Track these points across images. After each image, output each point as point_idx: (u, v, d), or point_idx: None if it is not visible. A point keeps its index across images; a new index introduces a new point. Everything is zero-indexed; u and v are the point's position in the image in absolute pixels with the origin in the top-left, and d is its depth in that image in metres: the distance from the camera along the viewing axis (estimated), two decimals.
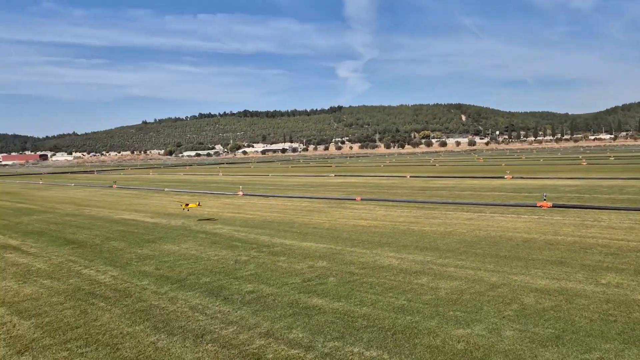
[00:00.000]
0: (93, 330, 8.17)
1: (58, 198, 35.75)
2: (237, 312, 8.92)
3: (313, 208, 24.23)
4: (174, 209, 25.64)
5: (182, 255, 13.95)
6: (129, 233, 18.38)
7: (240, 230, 18.18)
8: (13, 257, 14.68)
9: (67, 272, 12.47)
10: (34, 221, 22.77)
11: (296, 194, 32.23)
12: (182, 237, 17.17)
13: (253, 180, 50.35)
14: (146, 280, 11.33)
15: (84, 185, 51.75)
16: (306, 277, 11.19)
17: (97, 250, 15.26)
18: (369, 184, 38.74)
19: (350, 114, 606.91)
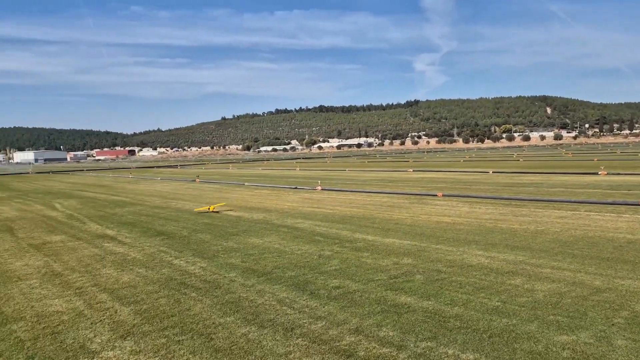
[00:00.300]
0: (187, 319, 8.42)
1: (146, 191, 37.67)
2: (325, 307, 8.87)
3: (393, 204, 23.87)
4: (255, 203, 26.20)
5: (266, 249, 14.15)
6: (214, 226, 18.95)
7: (321, 225, 18.22)
8: (111, 246, 15.55)
9: (160, 262, 13.00)
10: (127, 213, 24.06)
11: (374, 189, 31.94)
12: (264, 230, 17.47)
13: (330, 175, 50.57)
14: (233, 272, 11.57)
15: (169, 179, 54.23)
16: (392, 273, 10.96)
17: (185, 241, 15.83)
18: (449, 180, 37.68)
19: (427, 108, 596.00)
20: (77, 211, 25.55)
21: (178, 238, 16.51)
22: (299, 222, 18.94)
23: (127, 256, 13.88)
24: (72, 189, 43.13)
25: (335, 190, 32.33)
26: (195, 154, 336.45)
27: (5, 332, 8.12)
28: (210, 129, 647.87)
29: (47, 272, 12.25)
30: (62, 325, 8.37)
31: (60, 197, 35.11)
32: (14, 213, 25.78)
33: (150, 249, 14.86)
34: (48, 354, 7.19)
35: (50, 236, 17.94)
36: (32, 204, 30.37)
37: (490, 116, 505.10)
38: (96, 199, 32.11)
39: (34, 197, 35.56)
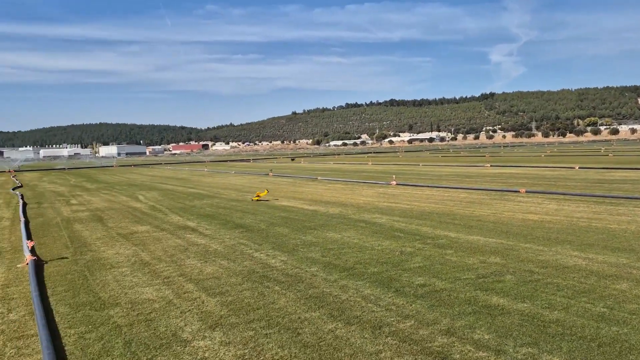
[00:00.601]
0: (273, 313, 8.38)
1: (222, 184, 38.70)
2: (412, 305, 8.55)
3: (473, 200, 23.00)
4: (329, 197, 26.14)
5: (345, 244, 13.98)
6: (291, 220, 19.03)
7: (400, 220, 17.82)
8: (192, 237, 15.97)
9: (240, 254, 13.16)
10: (205, 205, 24.74)
11: (451, 184, 31.00)
12: (342, 225, 17.31)
13: (403, 169, 49.76)
14: (315, 266, 11.48)
15: (243, 172, 55.49)
16: (480, 273, 10.44)
17: (263, 234, 15.97)
18: (531, 175, 35.93)
19: (504, 101, 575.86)
20: (158, 203, 26.60)
21: (256, 231, 16.69)
22: (376, 217, 18.64)
23: (209, 248, 14.17)
24: (152, 182, 45.14)
25: (410, 185, 31.69)
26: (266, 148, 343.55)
27: (104, 317, 8.44)
28: (281, 123, 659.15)
29: (137, 261, 12.72)
30: (154, 313, 8.58)
31: (142, 189, 36.80)
32: (103, 204, 27.23)
33: (230, 241, 15.11)
34: (143, 340, 7.36)
35: (137, 226, 18.72)
36: (118, 196, 31.99)
37: (573, 108, 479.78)
38: (175, 192, 33.34)
39: (119, 189, 37.50)
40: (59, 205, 27.60)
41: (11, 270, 12.17)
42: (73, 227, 19.19)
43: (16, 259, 13.54)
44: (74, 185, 44.10)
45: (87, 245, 15.17)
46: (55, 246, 15.30)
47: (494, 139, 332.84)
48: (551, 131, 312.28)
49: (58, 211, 24.62)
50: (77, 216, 22.39)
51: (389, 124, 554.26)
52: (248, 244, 14.53)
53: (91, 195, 33.33)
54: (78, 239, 16.47)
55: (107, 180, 49.93)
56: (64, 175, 65.12)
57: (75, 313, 8.73)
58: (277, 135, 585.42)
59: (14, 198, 32.75)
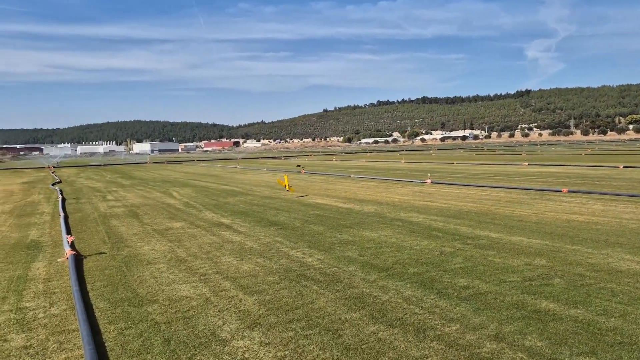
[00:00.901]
0: (312, 313, 8.18)
1: (254, 181, 38.78)
2: (456, 308, 8.22)
3: (512, 199, 22.35)
4: (363, 195, 25.83)
5: (382, 243, 13.68)
6: (325, 217, 18.82)
7: (437, 219, 17.40)
8: (227, 234, 15.92)
9: (276, 252, 13.01)
10: (238, 202, 24.75)
11: (488, 183, 30.26)
12: (377, 224, 17.00)
13: (437, 167, 48.99)
14: (352, 266, 11.23)
15: (275, 170, 55.57)
16: (525, 275, 10.01)
17: (298, 232, 15.80)
18: (573, 174, 34.80)
19: (540, 98, 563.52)
20: (192, 199, 26.76)
21: (291, 229, 16.53)
22: (413, 216, 18.25)
23: (244, 245, 14.07)
24: (185, 178, 45.62)
25: (445, 183, 31.08)
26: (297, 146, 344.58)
27: (143, 314, 8.38)
28: (312, 120, 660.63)
29: (173, 258, 12.71)
30: (192, 310, 8.48)
31: (176, 185, 37.18)
32: (138, 200, 27.57)
33: (265, 238, 14.99)
34: (182, 339, 7.26)
35: (172, 222, 18.81)
36: (152, 192, 32.39)
37: (614, 106, 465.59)
38: (208, 188, 33.55)
39: (153, 185, 37.99)
40: (96, 200, 28.09)
41: (52, 265, 12.32)
42: (110, 222, 19.43)
43: (56, 253, 13.73)
44: (110, 181, 44.95)
45: (123, 241, 15.28)
46: (93, 241, 15.47)
47: (529, 137, 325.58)
48: (591, 129, 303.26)
49: (95, 206, 25.04)
50: (113, 212, 22.69)
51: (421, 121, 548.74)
52: (283, 241, 14.38)
53: (126, 191, 33.85)
54: (115, 234, 16.64)
55: (142, 177, 50.75)
56: (99, 172, 66.57)
57: (115, 309, 8.71)
58: (308, 132, 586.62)
59: (53, 193, 33.54)
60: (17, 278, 11.07)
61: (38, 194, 33.56)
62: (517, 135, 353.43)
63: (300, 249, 13.21)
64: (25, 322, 8.18)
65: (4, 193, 35.18)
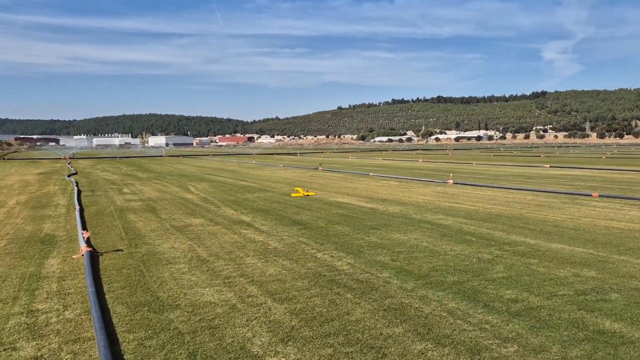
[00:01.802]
0: (350, 327, 7.44)
1: (272, 177, 38.12)
2: (508, 325, 7.43)
3: (541, 202, 21.42)
4: (385, 195, 25.03)
5: (414, 247, 12.90)
6: (350, 217, 18.07)
7: (467, 223, 16.56)
8: (249, 233, 15.23)
9: (302, 254, 12.29)
10: (257, 199, 24.09)
11: (512, 185, 29.30)
12: (405, 225, 16.21)
13: (456, 168, 47.96)
14: (386, 272, 10.47)
15: (291, 166, 54.91)
16: (577, 288, 9.18)
17: (323, 233, 15.07)
18: (598, 178, 33.67)
19: (556, 100, 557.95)
20: (210, 195, 26.16)
21: (315, 229, 15.81)
22: (441, 219, 17.43)
23: (268, 245, 13.37)
24: (201, 173, 45.11)
25: (468, 184, 30.16)
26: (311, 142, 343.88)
27: (165, 322, 7.70)
28: (326, 118, 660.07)
29: (193, 257, 12.05)
30: (218, 319, 7.79)
31: (192, 180, 36.66)
32: (155, 194, 27.03)
33: (289, 239, 14.28)
34: (209, 353, 6.55)
35: (190, 219, 18.19)
36: (169, 186, 31.86)
37: (631, 109, 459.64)
38: (226, 183, 32.95)
39: (169, 179, 37.50)
40: (112, 193, 27.60)
41: (67, 262, 11.72)
42: (127, 217, 18.85)
43: (71, 249, 13.14)
44: (126, 174, 44.59)
45: (141, 238, 14.67)
46: (109, 237, 14.88)
47: (545, 138, 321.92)
48: (607, 132, 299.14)
49: (111, 200, 24.53)
50: (130, 205, 22.15)
51: (435, 121, 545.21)
52: (309, 242, 13.66)
53: (143, 184, 33.37)
54: (132, 230, 16.03)
55: (158, 170, 50.36)
56: (115, 164, 66.42)
57: (133, 314, 8.04)
58: (322, 129, 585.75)
59: (69, 185, 33.17)
60: (29, 276, 10.46)
61: (54, 185, 33.21)
62: (532, 136, 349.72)
63: (328, 252, 12.48)
64: (36, 327, 7.53)
65: (20, 183, 34.89)
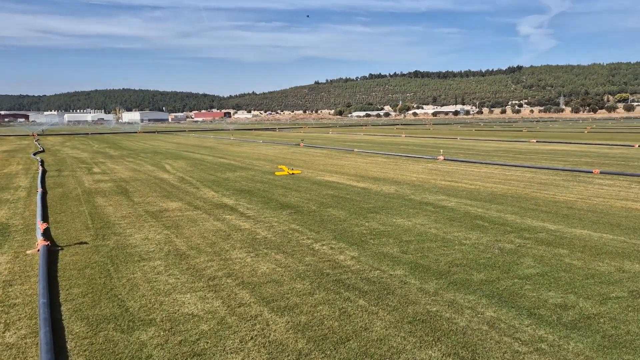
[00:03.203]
0: (372, 349, 5.87)
1: (252, 154, 36.24)
2: (571, 344, 5.95)
3: (543, 180, 20.14)
4: (376, 173, 23.48)
5: (422, 235, 11.37)
6: (342, 199, 16.47)
7: (473, 204, 15.12)
8: (233, 219, 13.52)
9: (297, 245, 10.67)
10: (239, 178, 22.32)
11: (505, 161, 28.04)
12: (405, 208, 14.69)
13: (442, 143, 46.65)
14: (399, 268, 8.92)
15: (271, 142, 52.96)
16: (630, 288, 7.77)
17: (317, 218, 13.46)
18: (591, 153, 32.68)
19: (531, 75, 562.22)
20: (187, 174, 24.28)
21: (307, 213, 14.18)
22: (442, 200, 15.95)
23: (256, 235, 11.70)
24: (178, 150, 42.93)
25: (460, 161, 28.81)
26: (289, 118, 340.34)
27: (134, 346, 5.99)
28: (303, 93, 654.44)
29: (171, 251, 10.32)
30: (204, 340, 6.13)
31: (168, 157, 34.57)
32: (128, 173, 25.00)
33: (279, 225, 12.63)
34: None
35: (167, 202, 16.37)
36: (143, 164, 29.78)
37: (603, 84, 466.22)
38: (204, 161, 31.01)
39: (144, 157, 35.33)
40: (80, 173, 25.46)
41: (19, 259, 9.87)
42: (95, 200, 16.92)
43: (27, 242, 11.26)
44: (97, 152, 42.13)
45: (110, 226, 12.84)
46: (73, 225, 13.00)
47: (521, 113, 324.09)
48: (581, 107, 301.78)
49: (79, 181, 22.45)
50: (99, 187, 20.16)
51: (413, 95, 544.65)
52: (302, 230, 12.03)
53: (115, 163, 31.19)
54: (100, 216, 14.16)
55: (131, 147, 47.91)
56: (87, 141, 63.46)
57: (95, 335, 6.33)
58: (299, 104, 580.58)
59: (34, 164, 30.79)
60: None
61: (17, 165, 30.80)
62: (508, 111, 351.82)
63: (326, 242, 10.87)
64: None
65: None
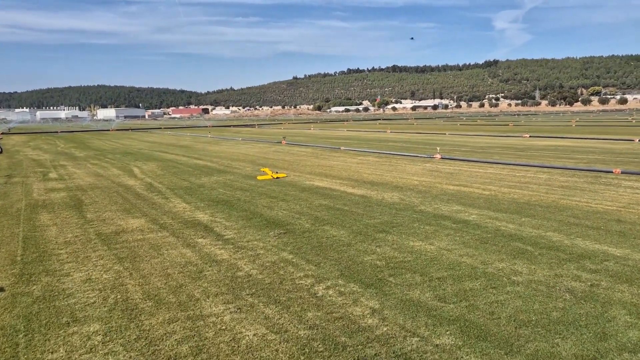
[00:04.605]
0: None
1: (231, 154, 33.26)
2: None
3: (562, 183, 17.69)
4: (371, 176, 20.79)
5: (455, 267, 8.67)
6: (340, 212, 13.71)
7: (499, 217, 12.49)
8: (207, 244, 10.66)
9: (293, 288, 7.89)
10: (216, 184, 19.43)
11: (507, 159, 25.61)
12: (419, 224, 11.99)
13: (431, 139, 44.16)
14: (445, 333, 6.19)
15: (251, 140, 49.94)
16: None
17: (314, 241, 10.68)
18: (597, 149, 30.48)
19: (507, 68, 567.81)
20: (157, 179, 21.28)
21: (300, 233, 11.39)
22: (459, 211, 13.30)
23: (237, 270, 8.88)
24: (151, 149, 39.68)
25: (460, 160, 26.28)
26: (268, 113, 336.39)
27: None
28: (282, 88, 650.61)
29: (118, 303, 7.43)
30: None
31: (139, 158, 31.39)
32: (88, 179, 21.87)
33: (267, 254, 9.82)
34: None
35: (127, 219, 13.40)
36: (108, 167, 26.60)
37: (577, 77, 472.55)
38: (178, 163, 27.96)
39: (111, 158, 32.07)
40: (32, 180, 22.22)
41: None
42: (37, 218, 13.85)
43: None
44: (61, 153, 38.60)
45: (45, 259, 9.85)
46: None
47: (499, 107, 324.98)
48: (558, 100, 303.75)
49: (28, 190, 19.26)
50: (49, 198, 17.06)
51: (391, 90, 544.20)
52: (297, 262, 9.24)
53: (77, 166, 27.91)
54: (37, 243, 11.14)
55: (100, 147, 44.40)
56: (53, 140, 59.49)
57: None
58: (277, 100, 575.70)
59: None
60: None
61: None
62: (486, 105, 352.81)
63: (332, 281, 8.11)
64: None
65: None
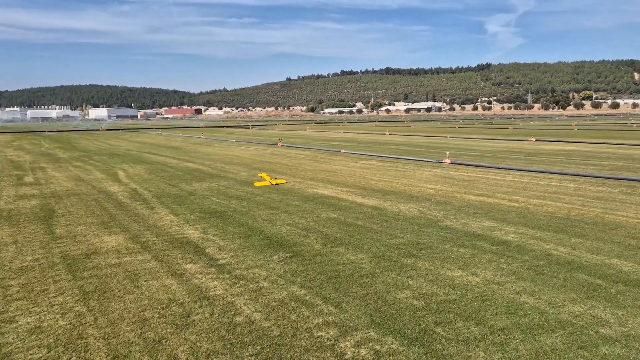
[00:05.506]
0: None
1: (225, 157, 31.22)
2: None
3: (596, 194, 15.86)
4: (380, 183, 18.85)
5: (516, 311, 6.73)
6: (355, 228, 11.74)
7: (543, 237, 10.58)
8: (198, 273, 8.66)
9: (311, 344, 5.93)
10: (209, 192, 17.42)
11: (518, 165, 23.80)
12: (451, 245, 10.06)
13: (434, 142, 42.33)
14: None
15: (246, 141, 47.91)
16: None
17: (328, 269, 8.71)
18: (613, 155, 28.73)
19: (500, 72, 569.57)
20: (143, 185, 19.25)
21: (310, 257, 9.42)
22: (493, 228, 11.38)
23: (236, 314, 6.89)
24: (140, 150, 37.56)
25: (471, 165, 24.42)
26: (261, 115, 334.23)
27: None
28: (275, 89, 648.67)
29: None
30: None
31: (126, 161, 29.29)
32: (67, 184, 19.78)
33: (272, 287, 7.84)
34: None
35: (102, 236, 11.36)
36: (91, 171, 24.50)
37: (568, 81, 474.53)
38: (167, 166, 25.90)
39: (96, 160, 29.95)
40: (4, 184, 20.10)
41: None
42: None
43: None
44: (43, 154, 36.37)
45: None
46: None
47: (493, 110, 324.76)
48: (550, 104, 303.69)
49: None
50: (17, 207, 14.98)
51: (384, 92, 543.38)
52: (312, 300, 7.27)
53: (57, 169, 25.77)
54: None
55: (87, 148, 42.18)
56: (39, 140, 57.13)
57: None
58: (271, 101, 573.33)
59: None
60: None
61: None
62: (479, 108, 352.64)
63: (362, 334, 6.15)
64: None
65: None
